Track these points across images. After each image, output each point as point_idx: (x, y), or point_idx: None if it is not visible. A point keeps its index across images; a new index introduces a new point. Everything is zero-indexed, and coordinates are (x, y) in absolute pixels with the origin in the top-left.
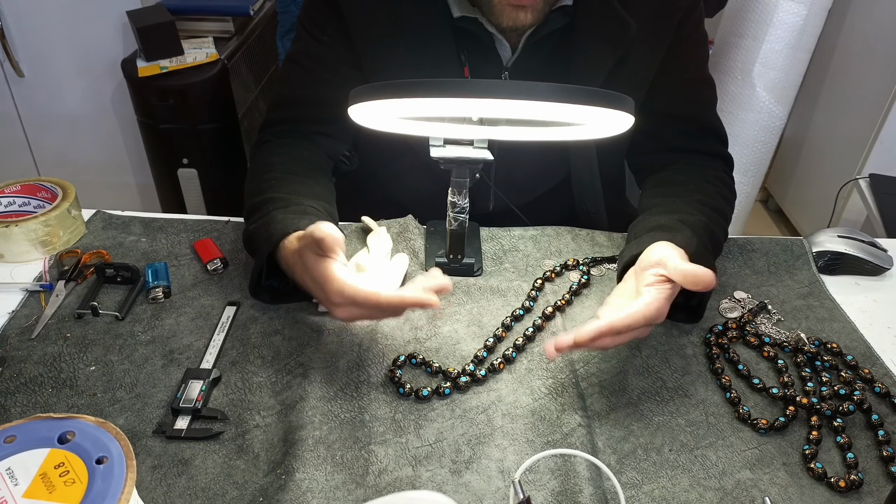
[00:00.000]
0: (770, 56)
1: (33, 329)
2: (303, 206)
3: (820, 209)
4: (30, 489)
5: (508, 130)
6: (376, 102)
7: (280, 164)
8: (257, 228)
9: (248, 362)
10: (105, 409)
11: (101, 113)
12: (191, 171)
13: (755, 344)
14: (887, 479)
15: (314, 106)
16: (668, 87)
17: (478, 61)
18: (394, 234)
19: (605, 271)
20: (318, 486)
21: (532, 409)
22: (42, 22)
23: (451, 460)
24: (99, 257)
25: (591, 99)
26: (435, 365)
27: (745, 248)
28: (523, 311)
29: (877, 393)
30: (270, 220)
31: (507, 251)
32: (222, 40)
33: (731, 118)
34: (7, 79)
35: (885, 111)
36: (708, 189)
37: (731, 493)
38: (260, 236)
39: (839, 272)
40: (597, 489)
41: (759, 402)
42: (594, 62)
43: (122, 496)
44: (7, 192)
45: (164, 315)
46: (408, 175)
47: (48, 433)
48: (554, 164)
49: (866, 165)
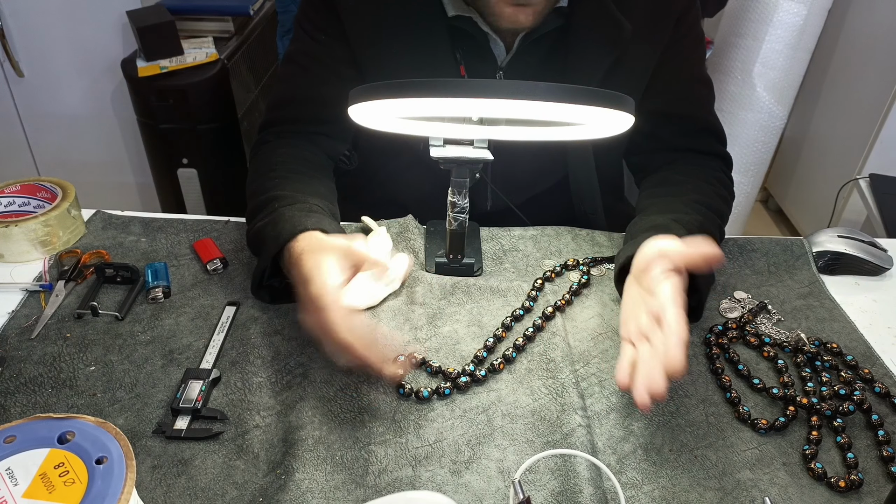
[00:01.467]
0: (770, 56)
1: (33, 329)
2: (308, 205)
3: (820, 209)
4: (29, 489)
5: (508, 130)
6: (376, 102)
7: (283, 163)
8: (264, 226)
9: (247, 362)
10: (105, 410)
11: (100, 113)
12: (190, 171)
13: (755, 344)
14: (887, 479)
15: (313, 106)
16: (666, 86)
17: (473, 61)
18: (394, 234)
19: (605, 271)
20: (317, 486)
21: (532, 409)
22: (42, 22)
23: (451, 460)
24: (99, 257)
25: (591, 99)
26: (435, 365)
27: (745, 248)
28: (523, 311)
29: (877, 393)
30: (278, 217)
31: (507, 251)
32: (222, 40)
33: (731, 118)
34: (7, 79)
35: (885, 111)
36: (705, 189)
37: (731, 493)
38: (267, 234)
39: (839, 272)
40: (597, 489)
41: (759, 402)
42: (590, 63)
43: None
44: (7, 192)
45: (163, 315)
46: (408, 175)
47: (48, 433)
48: (552, 163)
49: (866, 165)
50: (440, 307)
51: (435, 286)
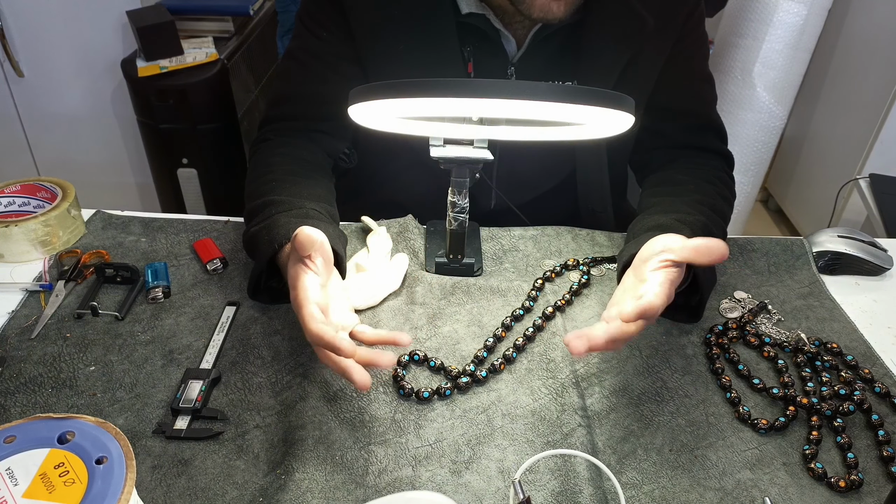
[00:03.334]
0: (770, 56)
1: (33, 329)
2: (305, 210)
3: (820, 209)
4: (29, 489)
5: (509, 130)
6: (376, 102)
7: (280, 165)
8: (259, 231)
9: (247, 362)
10: (105, 409)
11: (100, 113)
12: (190, 170)
13: (755, 344)
14: (887, 479)
15: (313, 103)
16: (672, 82)
17: (483, 57)
18: (394, 234)
19: (605, 271)
20: (317, 486)
21: (532, 409)
22: (42, 22)
23: (451, 460)
24: (99, 257)
25: (591, 99)
26: (437, 361)
27: (745, 248)
28: (523, 311)
29: (877, 393)
30: (273, 223)
31: (507, 251)
32: (222, 40)
33: (731, 118)
34: (7, 79)
35: (885, 111)
36: (707, 189)
37: (731, 493)
38: (262, 239)
39: (839, 272)
40: (597, 489)
41: (759, 402)
42: (604, 59)
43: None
44: (7, 192)
45: (163, 315)
46: (408, 175)
47: (48, 433)
48: (557, 162)
49: (866, 165)
50: (440, 307)
51: (435, 286)
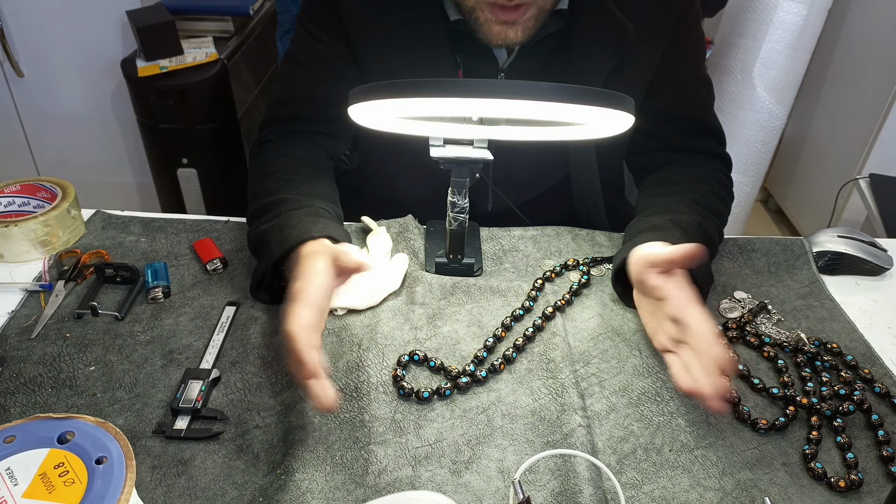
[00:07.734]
0: (770, 56)
1: (33, 329)
2: (315, 208)
3: (820, 209)
4: (29, 489)
5: (508, 130)
6: (376, 102)
7: (287, 165)
8: (269, 229)
9: (247, 362)
10: (105, 409)
11: (100, 113)
12: (190, 170)
13: (755, 344)
14: (887, 479)
15: (314, 105)
16: (666, 86)
17: (474, 63)
18: (394, 234)
19: (605, 271)
20: (317, 487)
21: (532, 409)
22: (42, 22)
23: (451, 460)
24: (98, 257)
25: (591, 99)
26: (437, 361)
27: (745, 248)
28: (523, 311)
29: (877, 393)
30: (284, 222)
31: (507, 251)
32: (222, 40)
33: (731, 118)
34: (7, 79)
35: (885, 111)
36: (703, 189)
37: (731, 493)
38: (272, 237)
39: (839, 272)
40: (597, 489)
41: (759, 402)
42: (592, 65)
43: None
44: (7, 192)
45: (163, 315)
46: (408, 175)
47: (48, 433)
48: (553, 163)
49: (866, 165)
50: (440, 307)
51: (435, 286)
